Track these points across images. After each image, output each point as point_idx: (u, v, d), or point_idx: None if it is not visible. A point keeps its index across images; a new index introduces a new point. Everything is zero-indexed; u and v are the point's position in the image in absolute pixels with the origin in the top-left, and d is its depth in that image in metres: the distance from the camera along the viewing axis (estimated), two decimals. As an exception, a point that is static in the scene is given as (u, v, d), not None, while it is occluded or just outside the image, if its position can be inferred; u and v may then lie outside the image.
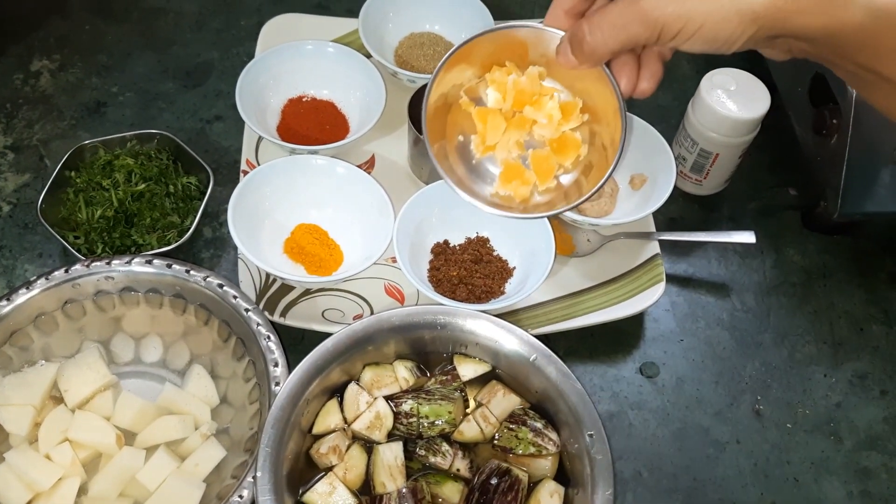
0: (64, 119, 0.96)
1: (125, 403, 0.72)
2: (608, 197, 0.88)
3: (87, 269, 0.75)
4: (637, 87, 0.55)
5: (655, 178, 0.88)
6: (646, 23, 0.49)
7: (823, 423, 0.81)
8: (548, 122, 0.59)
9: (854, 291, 0.90)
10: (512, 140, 0.60)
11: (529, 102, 0.59)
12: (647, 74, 0.55)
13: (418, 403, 0.71)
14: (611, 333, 0.84)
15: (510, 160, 0.61)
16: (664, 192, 0.84)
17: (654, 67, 0.55)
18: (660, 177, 0.87)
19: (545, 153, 0.60)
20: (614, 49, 0.52)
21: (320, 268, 0.83)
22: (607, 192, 0.88)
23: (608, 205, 0.88)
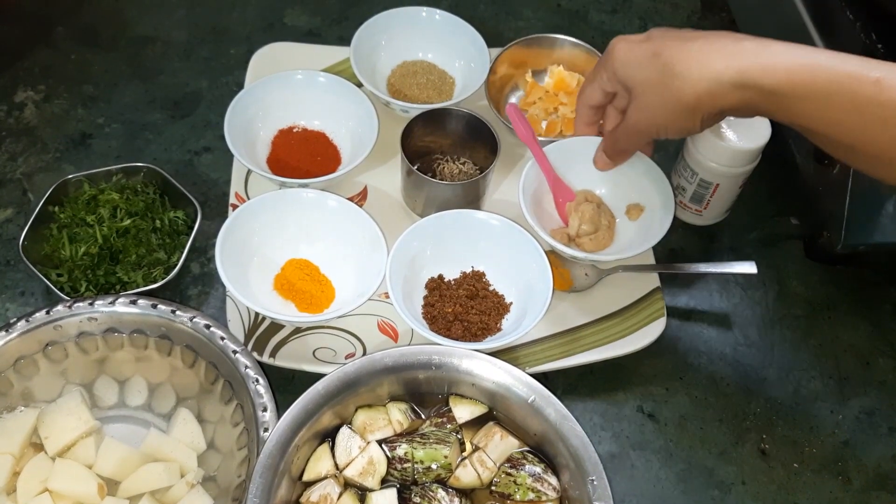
0: (48, 151, 0.93)
1: (108, 450, 0.70)
2: (605, 230, 0.85)
3: (70, 311, 0.72)
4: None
5: (653, 208, 0.85)
6: (639, 135, 0.76)
7: (831, 463, 0.79)
8: None
9: (859, 324, 0.88)
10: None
11: None
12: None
13: (413, 448, 0.69)
14: (611, 370, 0.82)
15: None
16: (664, 223, 0.82)
17: (647, 150, 0.84)
18: (658, 207, 0.85)
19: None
20: (633, 150, 0.82)
21: (311, 305, 0.81)
22: (604, 225, 0.85)
23: (605, 238, 0.85)
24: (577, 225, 0.84)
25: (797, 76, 0.62)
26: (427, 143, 0.91)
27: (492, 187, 0.90)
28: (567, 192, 0.86)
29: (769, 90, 0.63)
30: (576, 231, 0.84)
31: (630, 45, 0.71)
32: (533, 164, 0.85)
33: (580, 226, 0.84)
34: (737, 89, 0.64)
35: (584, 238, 0.84)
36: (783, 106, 0.64)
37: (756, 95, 0.64)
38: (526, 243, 0.82)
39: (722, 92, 0.65)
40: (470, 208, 0.85)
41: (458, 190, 0.85)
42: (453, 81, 0.99)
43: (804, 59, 0.63)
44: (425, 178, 0.85)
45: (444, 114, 0.89)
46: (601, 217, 0.85)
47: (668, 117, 0.70)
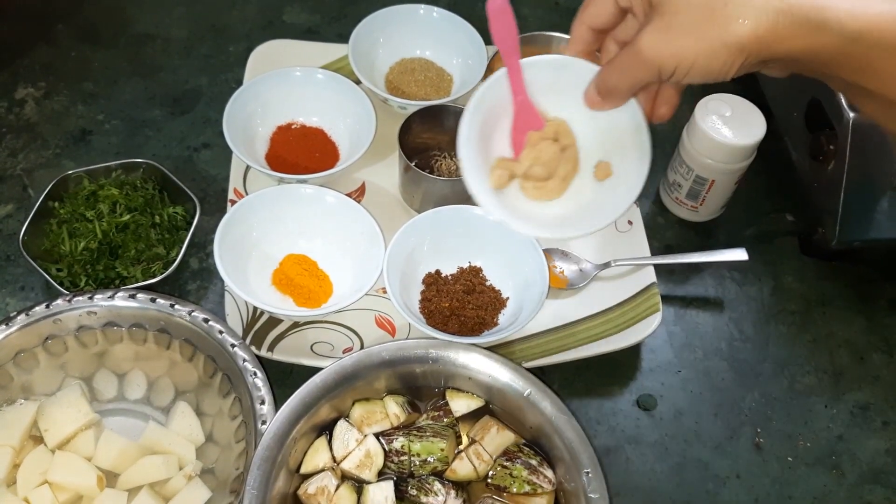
0: (48, 148, 0.94)
1: (107, 443, 0.70)
2: (559, 181, 0.67)
3: (69, 304, 0.73)
4: (655, 113, 0.62)
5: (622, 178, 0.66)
6: (644, 65, 0.54)
7: (825, 457, 0.79)
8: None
9: (853, 319, 0.88)
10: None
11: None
12: (662, 101, 0.61)
13: (410, 441, 0.69)
14: (607, 365, 0.82)
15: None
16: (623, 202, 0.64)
17: (667, 94, 0.61)
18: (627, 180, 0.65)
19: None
20: (627, 90, 0.58)
21: (309, 300, 0.81)
22: (559, 176, 0.67)
23: (554, 191, 0.67)
24: (527, 164, 0.66)
25: (890, 23, 0.50)
26: (425, 140, 0.91)
27: (489, 183, 0.90)
28: (535, 118, 0.65)
29: (853, 35, 0.50)
30: (524, 170, 0.66)
31: None
32: (498, 79, 0.64)
33: (531, 165, 0.66)
34: (810, 30, 0.50)
35: (530, 183, 0.67)
36: (862, 60, 0.51)
37: (833, 41, 0.51)
38: (523, 239, 0.82)
39: (789, 31, 0.50)
40: (467, 204, 0.85)
41: (455, 186, 0.86)
42: (451, 79, 1.00)
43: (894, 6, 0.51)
44: (423, 174, 0.85)
45: (442, 111, 0.90)
46: (560, 164, 0.66)
47: (702, 51, 0.52)
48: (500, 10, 0.63)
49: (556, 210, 0.67)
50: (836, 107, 0.82)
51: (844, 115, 0.81)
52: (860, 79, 0.53)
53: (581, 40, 0.62)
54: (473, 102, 0.64)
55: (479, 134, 0.65)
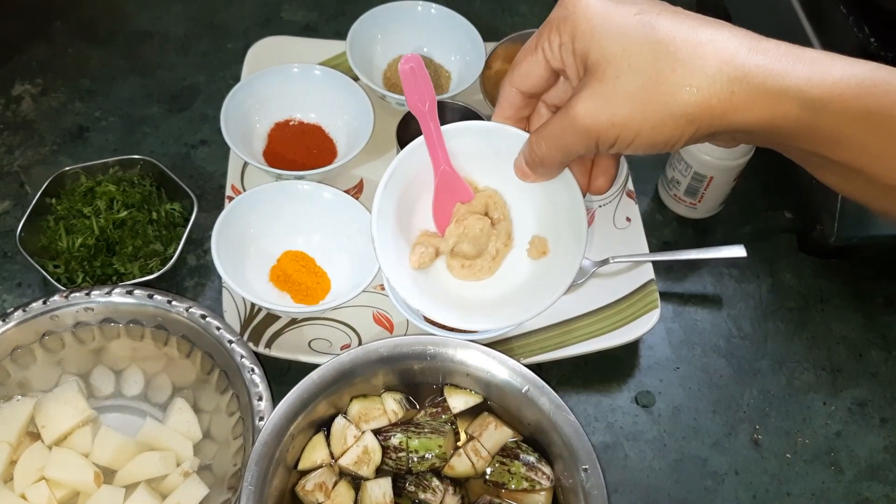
0: (45, 145, 0.94)
1: (104, 439, 0.70)
2: (489, 260, 0.62)
3: (66, 301, 0.73)
4: (591, 185, 0.57)
5: (558, 257, 0.61)
6: (580, 135, 0.49)
7: (823, 453, 0.79)
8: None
9: (851, 316, 0.88)
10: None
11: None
12: (599, 172, 0.56)
13: (408, 437, 0.69)
14: (605, 362, 0.82)
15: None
16: (560, 284, 0.59)
17: (604, 164, 0.56)
18: (564, 260, 0.60)
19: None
20: (559, 161, 0.53)
21: (307, 296, 0.81)
22: (490, 254, 0.62)
23: (483, 271, 0.63)
24: (453, 240, 0.61)
25: (853, 89, 0.45)
26: None
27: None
28: (462, 190, 0.60)
29: (815, 105, 0.45)
30: (450, 247, 0.61)
31: (607, 5, 0.48)
32: (416, 147, 0.60)
33: (458, 242, 0.61)
34: (769, 100, 0.45)
35: (457, 261, 0.62)
36: (825, 130, 0.46)
37: (793, 112, 0.45)
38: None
39: (744, 100, 0.45)
40: None
41: None
42: (449, 76, 0.99)
43: (859, 70, 0.46)
44: None
45: (440, 107, 0.89)
46: (491, 240, 0.61)
47: (646, 121, 0.46)
48: (411, 73, 0.58)
49: (487, 292, 0.62)
50: (834, 103, 0.82)
51: (842, 111, 0.81)
52: (823, 149, 0.47)
53: (510, 104, 0.56)
54: (388, 174, 0.58)
55: (396, 207, 0.60)
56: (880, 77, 0.45)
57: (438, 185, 0.60)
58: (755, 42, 0.46)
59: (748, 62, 0.45)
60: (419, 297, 0.59)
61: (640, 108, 0.46)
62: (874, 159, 0.47)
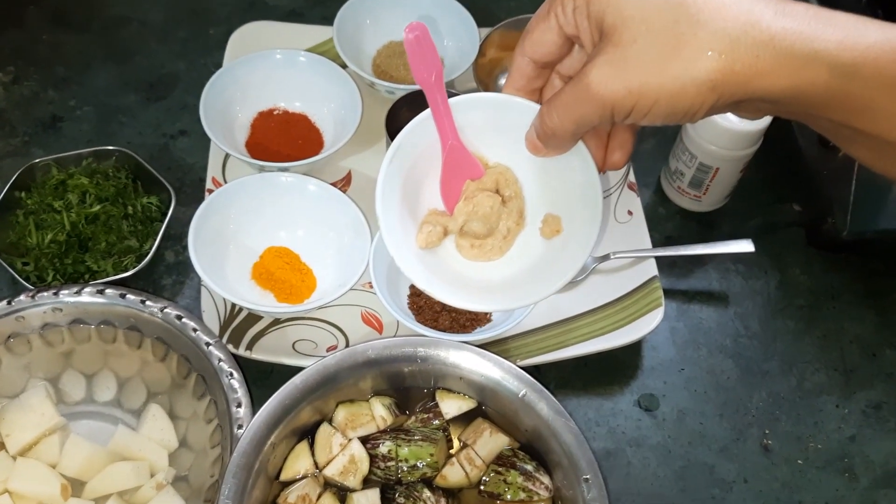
0: (16, 135, 0.89)
1: (73, 449, 0.66)
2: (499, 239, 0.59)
3: (33, 301, 0.69)
4: (607, 160, 0.54)
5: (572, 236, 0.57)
6: (594, 104, 0.46)
7: (836, 459, 0.75)
8: None
9: (864, 314, 0.84)
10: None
11: None
12: (616, 146, 0.53)
13: (397, 445, 0.65)
14: (606, 363, 0.78)
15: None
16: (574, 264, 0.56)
17: (621, 138, 0.53)
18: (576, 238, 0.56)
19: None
20: (572, 133, 0.50)
21: (291, 295, 0.77)
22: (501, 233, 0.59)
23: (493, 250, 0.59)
24: (462, 218, 0.58)
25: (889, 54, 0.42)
26: None
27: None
28: (472, 166, 0.57)
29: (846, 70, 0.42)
30: (459, 225, 0.58)
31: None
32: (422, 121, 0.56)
33: (467, 220, 0.58)
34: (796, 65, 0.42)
35: (467, 240, 0.59)
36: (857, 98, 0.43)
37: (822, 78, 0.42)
38: None
39: (770, 65, 0.42)
40: None
41: None
42: (442, 62, 0.95)
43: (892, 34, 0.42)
44: None
45: None
46: (502, 219, 0.58)
47: (665, 88, 0.43)
48: (416, 42, 0.54)
49: (497, 273, 0.58)
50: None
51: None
52: (854, 120, 0.44)
53: (521, 75, 0.53)
54: (392, 149, 0.55)
55: (402, 185, 0.57)
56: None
57: (446, 161, 0.57)
58: (782, 4, 0.43)
59: (774, 25, 0.42)
60: (426, 277, 0.56)
61: (659, 74, 0.43)
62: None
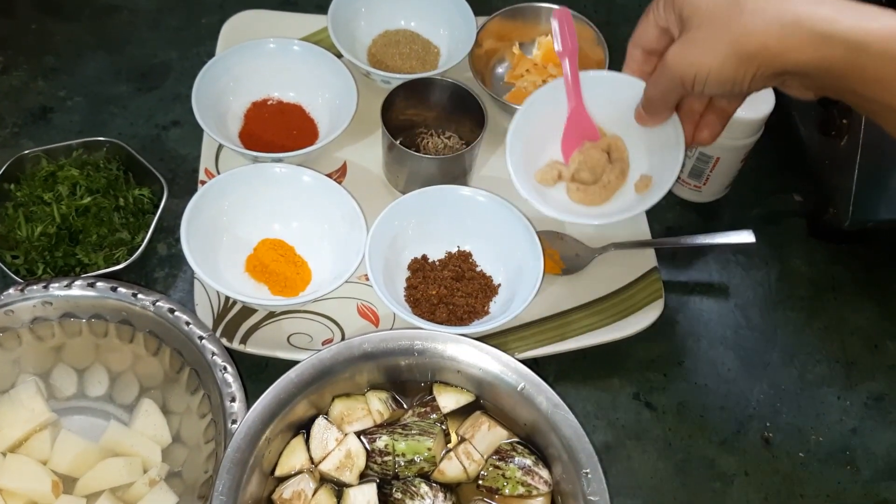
0: (5, 126, 0.88)
1: (64, 445, 0.65)
2: (602, 188, 0.75)
3: (22, 294, 0.67)
4: (696, 136, 0.69)
5: (658, 185, 0.74)
6: (668, 76, 0.61)
7: (838, 451, 0.74)
8: None
9: (866, 305, 0.83)
10: None
11: None
12: (704, 125, 0.68)
13: (394, 439, 0.64)
14: (605, 355, 0.77)
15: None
16: (658, 193, 0.72)
17: (710, 119, 0.68)
18: (660, 187, 0.73)
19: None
20: (661, 102, 0.66)
21: (286, 288, 0.76)
22: (603, 182, 0.75)
23: (598, 196, 0.75)
24: (574, 166, 0.74)
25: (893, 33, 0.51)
26: (410, 117, 0.85)
27: (478, 163, 0.85)
28: (590, 129, 0.74)
29: (857, 46, 0.52)
30: (571, 172, 0.74)
31: None
32: (556, 85, 0.73)
33: (578, 169, 0.74)
34: (817, 42, 0.53)
35: (575, 184, 0.74)
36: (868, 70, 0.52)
37: (839, 52, 0.52)
38: (515, 221, 0.77)
39: (797, 42, 0.53)
40: (455, 184, 0.80)
41: (442, 165, 0.80)
42: (438, 51, 0.94)
43: None
44: (408, 151, 0.79)
45: (428, 84, 0.84)
46: (606, 172, 0.74)
47: (716, 60, 0.56)
48: (565, 16, 0.75)
49: (592, 212, 0.74)
50: (849, 78, 0.77)
51: (858, 86, 0.76)
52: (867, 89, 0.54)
53: (633, 60, 0.69)
54: (527, 102, 0.73)
55: (528, 136, 0.74)
56: None
57: (570, 120, 0.73)
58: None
59: (802, 10, 0.53)
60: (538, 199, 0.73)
61: (712, 49, 0.57)
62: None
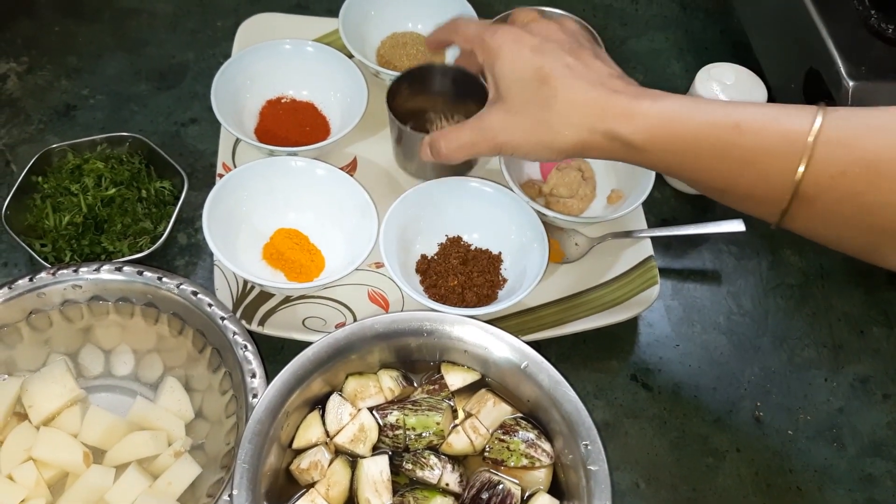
0: (31, 123, 0.92)
1: (94, 419, 0.68)
2: (579, 201, 0.86)
3: (54, 278, 0.71)
4: None
5: (629, 198, 0.84)
6: (489, 145, 0.70)
7: (825, 430, 0.78)
8: None
9: (853, 292, 0.87)
10: None
11: None
12: None
13: (404, 415, 0.67)
14: (604, 339, 0.81)
15: None
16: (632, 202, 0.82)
17: None
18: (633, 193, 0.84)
19: None
20: (469, 148, 0.72)
21: (301, 274, 0.80)
22: (580, 196, 0.86)
23: (575, 209, 0.86)
24: (553, 182, 0.85)
25: (659, 130, 0.62)
26: (416, 105, 0.87)
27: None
28: None
29: (635, 146, 0.63)
30: (549, 189, 0.85)
31: (520, 51, 0.67)
32: None
33: (556, 185, 0.85)
34: (606, 140, 0.64)
35: (555, 198, 0.85)
36: (649, 158, 0.64)
37: (622, 147, 0.64)
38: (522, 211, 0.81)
39: (593, 140, 0.65)
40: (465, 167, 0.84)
41: None
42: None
43: (667, 112, 0.62)
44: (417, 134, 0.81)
45: (430, 71, 0.85)
46: (581, 187, 0.86)
47: (529, 144, 0.68)
48: None
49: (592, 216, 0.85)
50: (834, 76, 0.81)
51: (843, 84, 0.80)
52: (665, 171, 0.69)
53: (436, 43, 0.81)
54: None
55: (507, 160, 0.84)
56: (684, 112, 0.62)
57: None
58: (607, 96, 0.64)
59: (593, 120, 0.64)
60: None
61: (531, 139, 0.68)
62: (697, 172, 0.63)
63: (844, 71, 0.80)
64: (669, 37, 1.08)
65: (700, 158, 0.62)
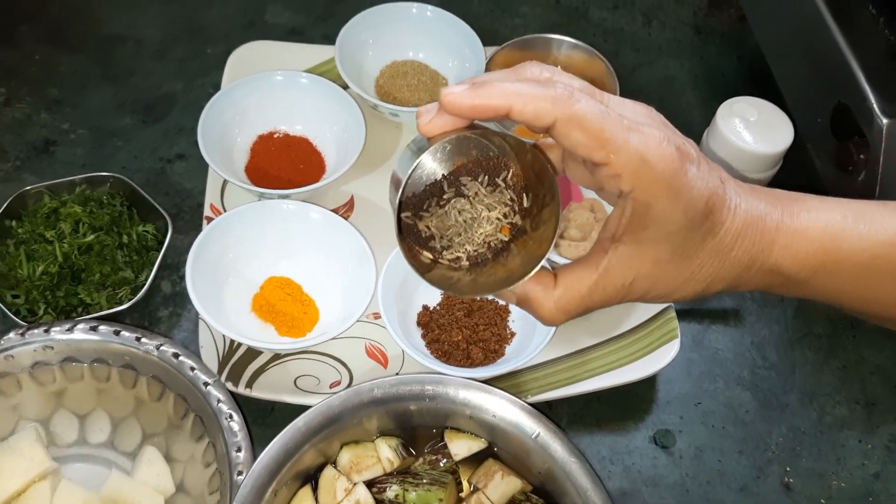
0: (8, 160, 0.86)
1: (65, 495, 0.63)
2: (590, 243, 0.79)
3: (23, 339, 0.66)
4: None
5: None
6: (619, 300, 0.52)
7: (861, 497, 0.72)
8: None
9: (885, 343, 0.81)
10: None
11: None
12: None
13: (404, 489, 0.62)
14: (620, 397, 0.75)
15: None
16: None
17: None
18: None
19: None
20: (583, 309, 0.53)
21: (293, 328, 0.74)
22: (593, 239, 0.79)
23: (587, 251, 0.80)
24: (564, 224, 0.80)
25: (821, 255, 0.51)
26: None
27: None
28: (575, 192, 0.82)
29: (798, 279, 0.52)
30: (561, 230, 0.79)
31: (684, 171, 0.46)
32: None
33: (567, 227, 0.79)
34: (763, 275, 0.52)
35: (566, 241, 0.79)
36: (811, 287, 0.53)
37: (782, 282, 0.53)
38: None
39: (748, 277, 0.52)
40: None
41: None
42: (446, 82, 0.92)
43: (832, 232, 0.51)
44: None
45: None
46: (594, 229, 0.79)
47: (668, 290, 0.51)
48: None
49: None
50: (866, 112, 0.75)
51: (877, 121, 0.74)
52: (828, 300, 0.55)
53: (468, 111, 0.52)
54: None
55: None
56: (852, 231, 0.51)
57: None
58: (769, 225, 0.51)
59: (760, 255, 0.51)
60: None
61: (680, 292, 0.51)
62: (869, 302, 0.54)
63: (878, 108, 0.74)
64: (684, 63, 1.02)
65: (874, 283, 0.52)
